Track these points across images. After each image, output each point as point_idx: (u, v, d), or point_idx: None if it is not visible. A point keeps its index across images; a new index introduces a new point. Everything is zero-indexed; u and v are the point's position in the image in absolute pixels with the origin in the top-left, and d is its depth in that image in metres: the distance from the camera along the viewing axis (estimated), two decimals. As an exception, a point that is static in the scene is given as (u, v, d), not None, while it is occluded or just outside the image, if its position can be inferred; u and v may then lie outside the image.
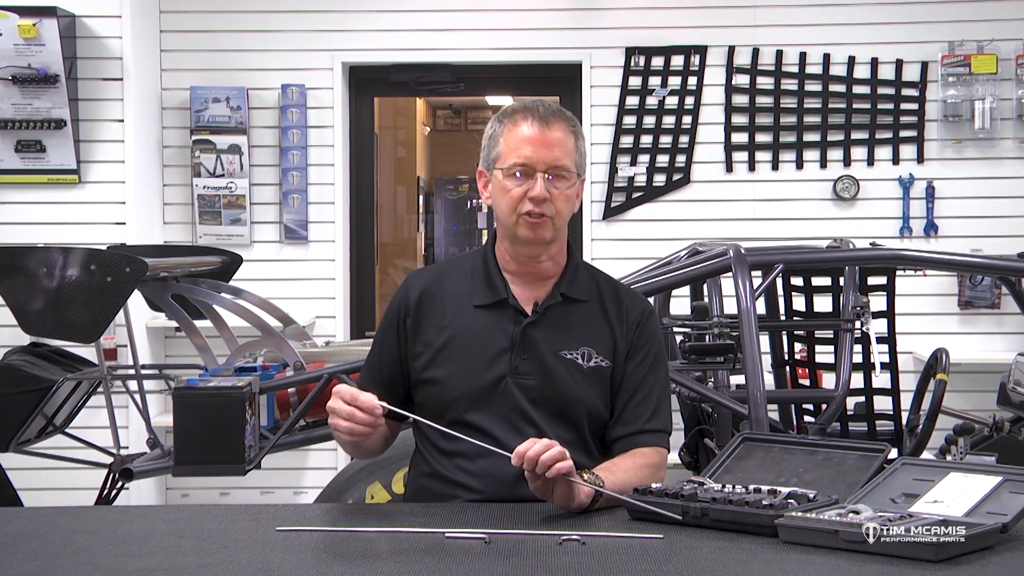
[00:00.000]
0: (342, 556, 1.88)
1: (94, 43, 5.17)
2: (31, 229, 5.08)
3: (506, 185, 2.28)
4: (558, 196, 2.27)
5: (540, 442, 2.05)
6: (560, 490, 2.07)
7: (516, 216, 2.28)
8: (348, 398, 2.13)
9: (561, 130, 2.28)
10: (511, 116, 2.31)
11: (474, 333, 2.31)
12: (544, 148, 2.26)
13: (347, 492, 3.34)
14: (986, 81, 5.35)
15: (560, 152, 2.27)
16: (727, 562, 1.80)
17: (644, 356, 2.36)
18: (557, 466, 2.03)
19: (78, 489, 4.31)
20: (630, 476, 2.21)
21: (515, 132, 2.28)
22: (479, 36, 5.54)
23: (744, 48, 5.48)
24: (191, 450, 3.03)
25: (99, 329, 3.06)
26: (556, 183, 2.27)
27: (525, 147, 2.26)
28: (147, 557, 1.84)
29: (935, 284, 5.37)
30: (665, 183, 5.50)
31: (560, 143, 2.27)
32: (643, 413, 2.33)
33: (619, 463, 2.26)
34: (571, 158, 2.29)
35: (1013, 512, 1.86)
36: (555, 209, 2.27)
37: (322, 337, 5.24)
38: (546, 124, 2.27)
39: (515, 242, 2.32)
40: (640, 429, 2.32)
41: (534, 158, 2.26)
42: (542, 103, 2.32)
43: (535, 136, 2.26)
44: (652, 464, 2.29)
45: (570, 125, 2.31)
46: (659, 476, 2.27)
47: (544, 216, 2.27)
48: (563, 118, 2.30)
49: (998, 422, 3.63)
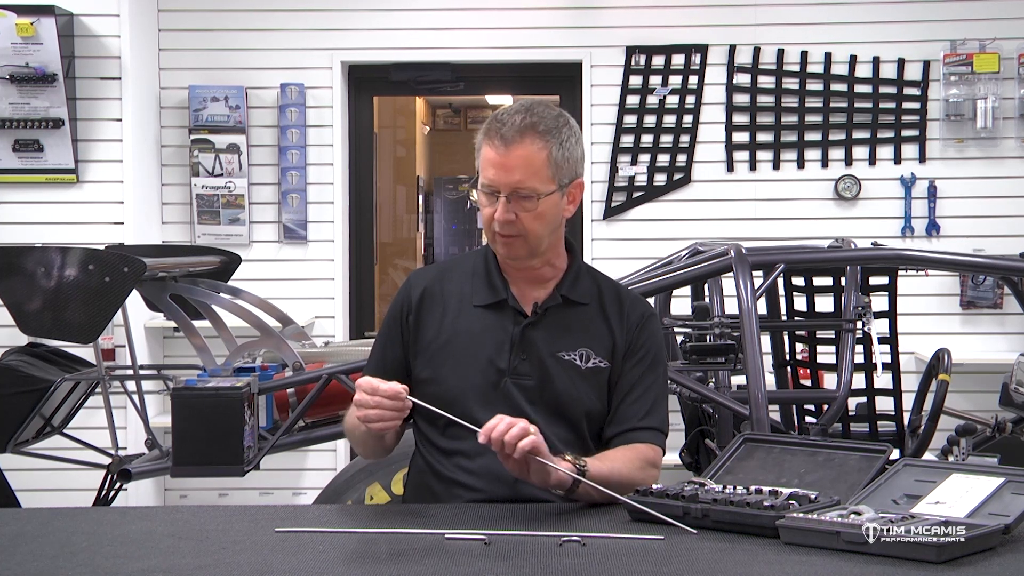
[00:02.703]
0: (341, 557, 1.87)
1: (92, 42, 5.16)
2: (29, 229, 5.07)
3: (481, 200, 2.29)
4: (525, 217, 2.24)
5: (505, 420, 2.04)
6: (535, 467, 2.07)
7: (491, 233, 2.29)
8: (370, 389, 2.11)
9: (527, 147, 2.22)
10: (486, 131, 2.27)
11: (474, 333, 2.31)
12: (504, 172, 2.23)
13: (346, 493, 3.33)
14: (988, 80, 5.34)
15: (522, 174, 2.22)
16: (728, 563, 1.80)
17: (642, 356, 2.35)
18: (521, 444, 2.02)
19: (76, 490, 4.30)
20: (618, 466, 2.20)
21: (484, 150, 2.26)
22: (479, 35, 5.53)
23: (745, 47, 5.47)
24: (189, 451, 3.02)
25: (97, 329, 3.05)
26: (522, 203, 2.24)
27: (489, 169, 2.25)
28: (145, 558, 1.84)
29: (937, 284, 5.36)
30: (666, 183, 5.50)
31: (523, 163, 2.22)
32: (638, 411, 2.32)
33: (609, 453, 2.26)
34: (539, 176, 2.23)
35: (1015, 513, 1.85)
36: (524, 229, 2.25)
37: (321, 337, 5.23)
38: (508, 145, 2.22)
39: (499, 255, 2.35)
40: (634, 426, 2.31)
41: (496, 181, 2.24)
42: (519, 113, 2.24)
43: (497, 158, 2.23)
44: (644, 459, 2.27)
45: (543, 138, 2.23)
46: (652, 474, 2.25)
47: (514, 236, 2.26)
48: (532, 132, 2.22)
49: (1000, 423, 3.62)
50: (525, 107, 2.28)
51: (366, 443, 2.35)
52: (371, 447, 2.37)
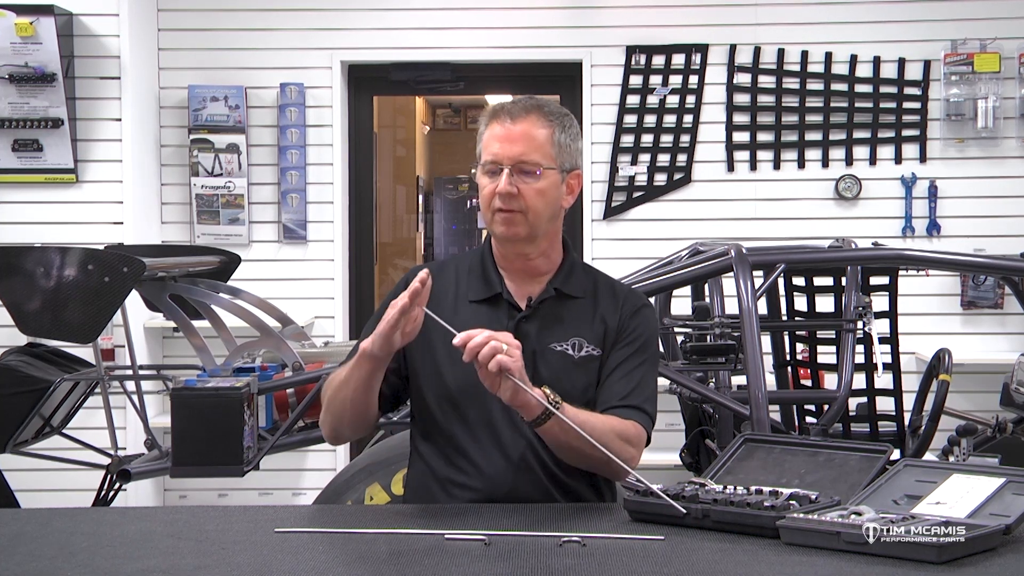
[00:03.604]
0: (341, 558, 1.87)
1: (91, 41, 5.16)
2: (28, 229, 5.07)
3: (482, 182, 2.31)
4: (527, 191, 2.27)
5: (485, 333, 2.04)
6: (506, 385, 2.05)
7: (491, 213, 2.30)
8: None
9: (532, 123, 2.28)
10: (491, 115, 2.33)
11: (469, 327, 2.29)
12: (509, 143, 2.27)
13: (346, 493, 3.32)
14: (989, 80, 5.33)
15: (526, 147, 2.27)
16: (728, 563, 1.79)
17: (631, 340, 2.34)
18: (498, 358, 2.02)
19: (75, 490, 4.29)
20: (595, 421, 2.17)
21: (489, 131, 2.31)
22: (479, 34, 5.53)
23: (746, 46, 5.46)
24: (189, 451, 3.02)
25: (96, 329, 3.05)
26: (524, 178, 2.27)
27: (494, 144, 2.29)
28: (145, 559, 1.84)
29: (938, 284, 5.36)
30: (666, 182, 5.49)
31: (527, 137, 2.27)
32: (621, 390, 2.30)
33: (592, 412, 2.23)
34: (542, 151, 2.28)
35: (1016, 514, 1.85)
36: (525, 204, 2.27)
37: (321, 337, 5.23)
38: (514, 119, 2.28)
39: (496, 239, 2.35)
40: (616, 404, 2.28)
41: (500, 154, 2.27)
42: (524, 99, 2.33)
43: (503, 133, 2.28)
44: (623, 431, 2.22)
45: (547, 118, 2.30)
46: (628, 451, 2.20)
47: (513, 211, 2.27)
48: (538, 111, 2.30)
49: (1001, 423, 3.62)
50: (529, 96, 2.35)
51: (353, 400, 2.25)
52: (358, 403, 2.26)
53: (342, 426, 2.34)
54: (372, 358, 2.18)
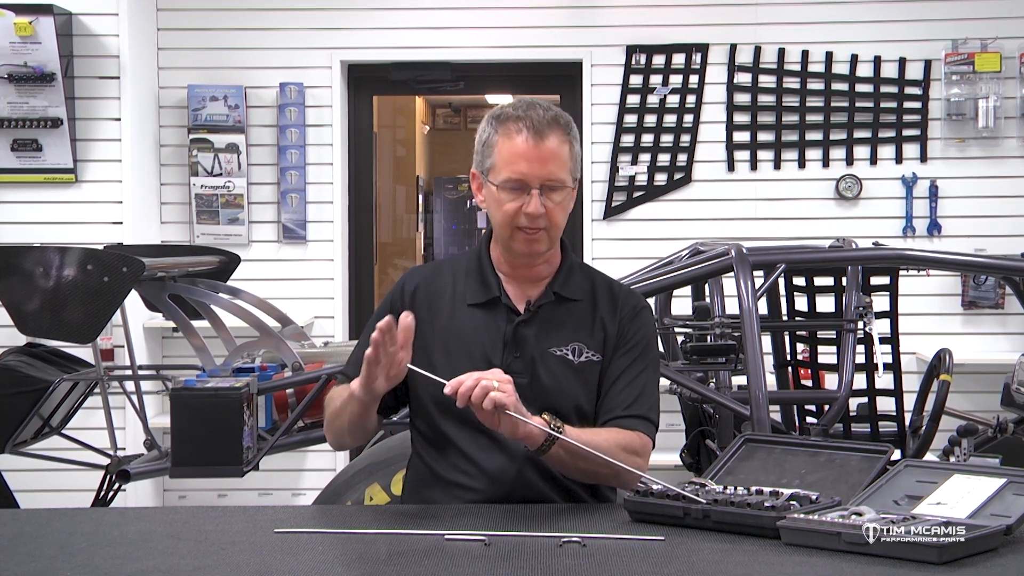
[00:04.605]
0: (341, 558, 1.87)
1: (91, 41, 5.15)
2: (27, 229, 5.07)
3: (501, 198, 2.26)
4: (554, 209, 2.25)
5: (473, 376, 2.03)
6: (505, 421, 2.05)
7: (511, 230, 2.27)
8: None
9: (556, 140, 2.24)
10: (505, 124, 2.26)
11: (467, 331, 2.31)
12: (538, 164, 2.22)
13: (346, 494, 3.32)
14: (990, 79, 5.33)
15: (555, 166, 2.24)
16: (728, 564, 1.79)
17: (632, 346, 2.34)
18: (492, 396, 2.01)
19: (75, 491, 4.29)
20: (598, 440, 2.17)
21: (510, 144, 2.24)
22: (479, 34, 5.53)
23: (746, 46, 5.46)
24: (189, 451, 3.02)
25: (96, 329, 3.05)
26: (552, 196, 2.24)
27: (519, 162, 2.23)
28: (144, 559, 1.84)
29: (938, 284, 5.35)
30: (666, 182, 5.49)
31: (554, 155, 2.24)
32: (625, 400, 2.30)
33: (593, 429, 2.24)
34: (566, 168, 2.26)
35: (1017, 514, 1.85)
36: (549, 221, 2.26)
37: (321, 337, 5.22)
38: (540, 136, 2.23)
39: (509, 251, 2.32)
40: (619, 414, 2.28)
41: (529, 174, 2.23)
42: (537, 107, 2.27)
43: (529, 151, 2.22)
44: (628, 443, 2.23)
45: (566, 131, 2.27)
46: (635, 462, 2.20)
47: (540, 230, 2.25)
48: (558, 125, 2.25)
49: (1002, 423, 3.61)
50: (534, 102, 2.29)
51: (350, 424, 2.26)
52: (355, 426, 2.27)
53: (343, 439, 2.37)
54: (361, 401, 2.17)
